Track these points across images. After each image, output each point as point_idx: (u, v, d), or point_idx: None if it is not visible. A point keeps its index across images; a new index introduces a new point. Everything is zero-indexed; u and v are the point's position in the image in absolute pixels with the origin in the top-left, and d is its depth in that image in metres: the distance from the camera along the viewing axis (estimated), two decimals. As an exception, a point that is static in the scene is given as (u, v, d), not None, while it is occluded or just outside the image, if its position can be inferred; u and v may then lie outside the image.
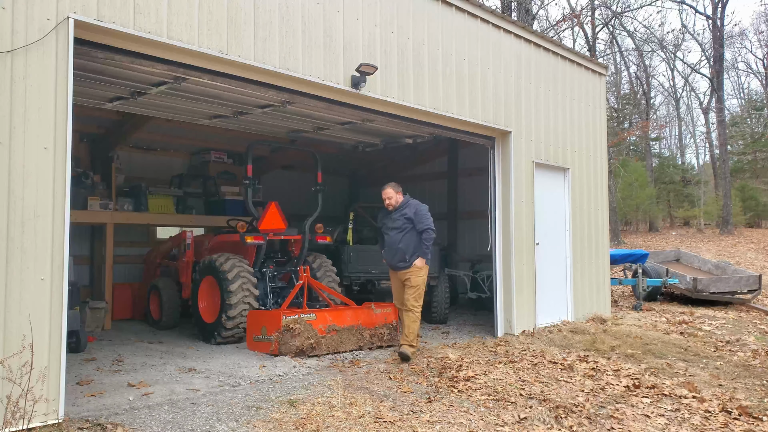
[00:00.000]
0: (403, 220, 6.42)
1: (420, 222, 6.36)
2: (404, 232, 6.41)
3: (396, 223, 6.45)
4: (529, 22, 20.75)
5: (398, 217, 6.45)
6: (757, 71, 40.06)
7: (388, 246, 6.54)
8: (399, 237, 6.40)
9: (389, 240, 6.50)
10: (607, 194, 10.58)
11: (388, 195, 6.50)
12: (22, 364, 3.78)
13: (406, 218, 6.41)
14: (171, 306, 8.38)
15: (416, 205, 6.48)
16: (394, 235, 6.44)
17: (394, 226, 6.47)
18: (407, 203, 6.52)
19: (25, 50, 4.03)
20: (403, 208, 6.47)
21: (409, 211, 6.43)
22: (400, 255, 6.40)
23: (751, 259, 19.35)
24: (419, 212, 6.41)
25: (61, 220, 4.16)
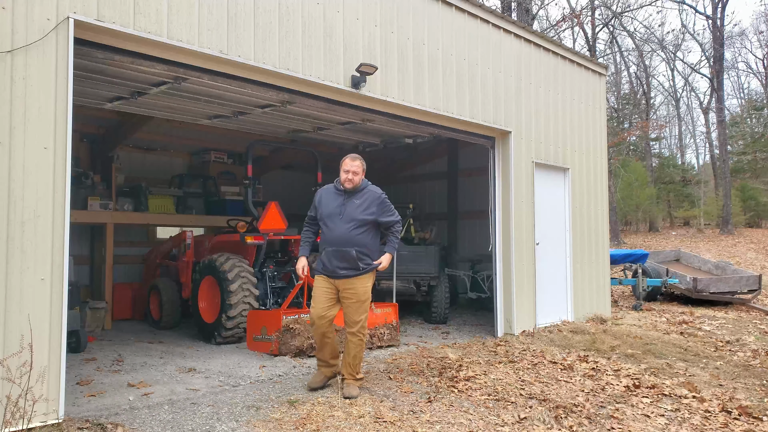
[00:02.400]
0: (362, 210, 4.81)
1: (386, 213, 4.93)
2: (360, 226, 4.80)
3: (349, 210, 4.80)
4: (529, 22, 20.75)
5: (354, 205, 4.82)
6: (757, 71, 40.08)
7: (329, 242, 4.81)
8: (352, 232, 4.76)
9: (332, 234, 4.80)
10: (607, 194, 10.58)
11: (354, 169, 4.87)
12: (22, 363, 3.78)
13: (366, 208, 4.83)
14: (171, 306, 8.38)
15: (379, 192, 4.99)
16: (342, 227, 4.77)
17: (344, 216, 4.80)
18: (366, 188, 4.97)
19: (25, 50, 4.03)
20: (362, 194, 4.91)
21: (370, 199, 4.88)
22: (349, 257, 4.75)
23: (751, 259, 19.35)
24: (385, 202, 4.97)
25: (61, 220, 4.16)
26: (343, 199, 4.85)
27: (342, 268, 4.80)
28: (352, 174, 4.85)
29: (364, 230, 4.81)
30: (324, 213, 4.87)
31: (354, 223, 4.77)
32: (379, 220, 4.90)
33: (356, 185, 4.87)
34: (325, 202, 4.92)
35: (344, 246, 4.75)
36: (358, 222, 4.78)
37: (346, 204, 4.82)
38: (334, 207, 4.85)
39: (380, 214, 4.91)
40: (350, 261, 4.77)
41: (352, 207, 4.81)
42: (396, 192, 13.30)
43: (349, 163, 4.88)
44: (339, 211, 4.82)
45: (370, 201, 4.85)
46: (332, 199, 4.90)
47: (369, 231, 4.85)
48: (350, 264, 4.78)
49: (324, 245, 4.87)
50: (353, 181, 4.86)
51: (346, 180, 4.83)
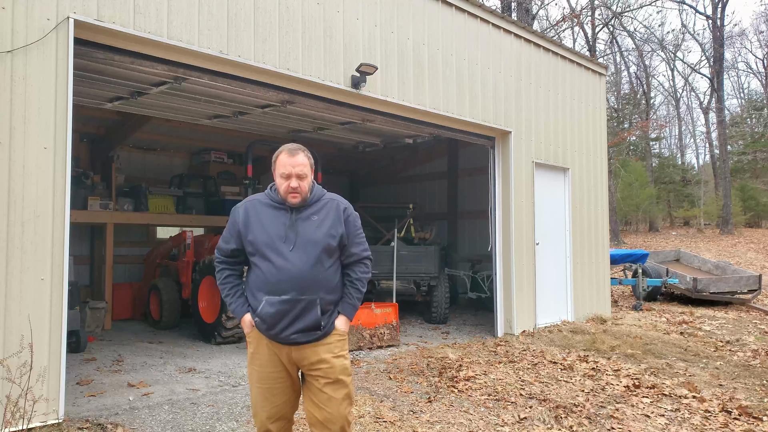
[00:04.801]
0: (325, 230, 2.92)
1: (357, 238, 3.05)
2: (325, 256, 2.91)
3: (305, 232, 2.90)
4: (529, 22, 20.75)
5: (311, 223, 2.93)
6: (757, 71, 40.08)
7: (273, 287, 2.83)
8: (316, 268, 2.87)
9: (278, 274, 2.83)
10: (607, 194, 10.58)
11: (299, 170, 2.90)
12: (22, 363, 3.78)
13: (330, 226, 2.94)
14: (171, 306, 8.38)
15: (345, 204, 3.07)
16: (297, 260, 2.84)
17: (298, 242, 2.88)
18: (324, 198, 3.03)
19: (25, 50, 4.03)
20: (319, 206, 2.99)
21: (333, 213, 2.99)
22: (311, 312, 2.84)
23: (751, 259, 19.35)
24: (356, 220, 3.08)
25: (61, 220, 4.16)
26: (289, 215, 2.87)
27: (299, 331, 2.80)
28: (296, 179, 2.85)
29: (332, 263, 2.90)
30: (259, 240, 2.83)
31: (315, 251, 2.82)
32: (349, 249, 2.98)
33: (305, 197, 2.89)
34: (257, 222, 2.88)
35: (303, 292, 2.78)
36: (321, 249, 2.84)
37: (296, 223, 2.86)
38: (276, 229, 2.84)
39: (350, 236, 2.97)
40: (312, 318, 2.81)
41: (309, 226, 2.87)
42: (396, 192, 13.31)
43: (288, 160, 2.87)
44: (286, 234, 2.83)
45: (334, 216, 2.93)
46: (270, 218, 2.88)
47: (336, 264, 2.95)
48: (312, 322, 2.81)
49: (261, 292, 2.81)
50: (300, 192, 2.86)
51: (289, 192, 2.86)
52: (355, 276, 2.99)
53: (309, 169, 2.91)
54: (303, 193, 2.87)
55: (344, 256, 2.98)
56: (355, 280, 2.99)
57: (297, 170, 2.84)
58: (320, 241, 2.85)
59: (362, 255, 3.03)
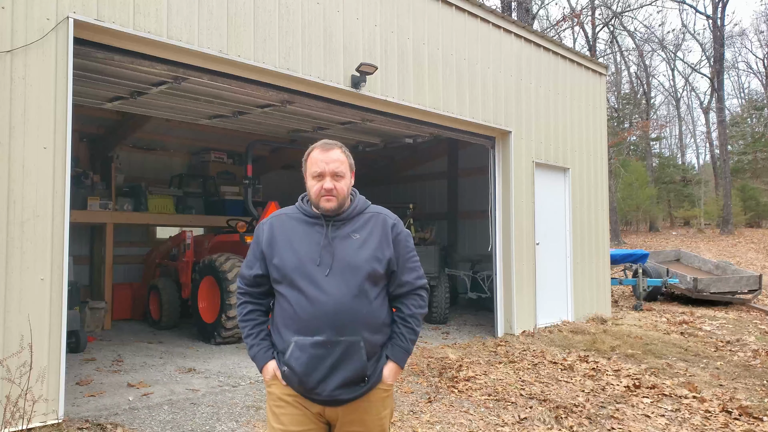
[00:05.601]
0: (369, 251, 2.26)
1: (410, 261, 2.38)
2: (369, 284, 2.23)
3: (343, 253, 2.23)
4: (529, 21, 20.74)
5: (351, 242, 2.26)
6: (758, 71, 40.08)
7: (306, 325, 2.17)
8: (358, 299, 2.19)
9: (311, 307, 2.16)
10: (607, 194, 10.58)
11: (334, 168, 2.25)
12: (21, 364, 3.78)
13: (376, 246, 2.27)
14: (171, 306, 8.38)
15: (394, 221, 2.38)
16: (334, 289, 2.18)
17: (335, 265, 2.21)
18: (367, 212, 2.37)
19: (25, 50, 4.03)
20: (361, 220, 2.33)
21: (379, 229, 2.32)
22: (355, 357, 2.17)
23: (751, 259, 19.34)
24: (406, 243, 2.38)
25: (61, 220, 4.15)
26: (322, 232, 2.24)
27: (342, 385, 2.17)
28: (332, 178, 2.23)
29: (377, 293, 2.25)
30: (287, 263, 2.21)
31: (357, 278, 2.19)
32: (400, 278, 2.32)
33: (342, 202, 2.26)
34: (285, 241, 2.26)
35: (342, 331, 2.15)
36: (363, 275, 2.20)
37: (333, 242, 2.23)
38: (308, 250, 2.22)
39: (400, 260, 2.32)
40: (356, 367, 2.16)
41: (348, 246, 2.23)
42: (396, 192, 13.31)
43: (321, 156, 2.25)
44: (320, 256, 2.20)
45: (381, 234, 2.28)
46: (300, 236, 2.26)
47: (383, 295, 2.30)
48: (357, 372, 2.17)
49: (289, 331, 2.20)
50: (337, 195, 2.23)
51: (322, 195, 2.23)
52: (408, 311, 2.31)
53: (347, 167, 2.27)
54: (340, 196, 2.21)
55: (393, 285, 2.31)
56: (408, 317, 2.31)
57: (332, 167, 2.22)
58: (363, 266, 2.18)
59: (416, 284, 2.33)
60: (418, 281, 2.37)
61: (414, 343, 2.36)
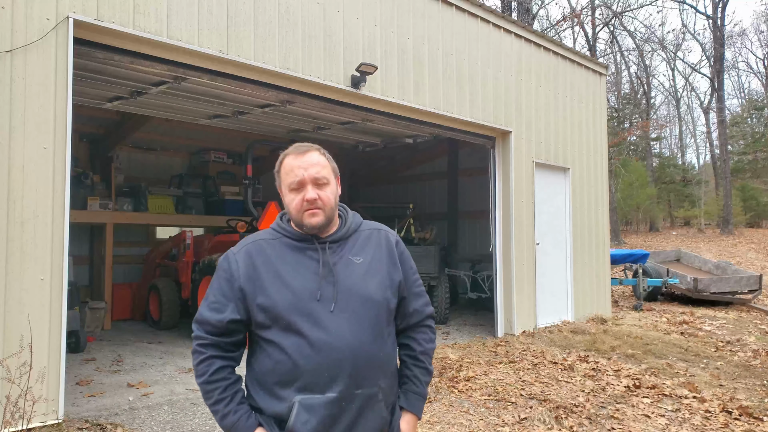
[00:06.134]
0: (380, 276, 1.81)
1: (414, 291, 1.93)
2: (377, 324, 1.76)
3: (349, 281, 1.76)
4: (529, 21, 20.74)
5: (356, 268, 1.79)
6: (758, 71, 40.09)
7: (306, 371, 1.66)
8: (362, 338, 1.71)
9: (313, 351, 1.66)
10: (607, 194, 10.57)
11: (313, 171, 1.77)
12: (21, 364, 3.77)
13: (387, 270, 1.84)
14: (171, 306, 8.37)
15: (395, 237, 1.95)
16: (337, 329, 1.69)
17: (340, 298, 1.72)
18: (363, 229, 1.90)
19: (25, 50, 4.03)
20: (359, 242, 1.86)
21: (382, 256, 1.85)
22: (367, 410, 1.72)
23: (751, 259, 19.34)
24: (410, 261, 1.95)
25: (61, 220, 4.15)
26: (317, 257, 1.79)
27: None
28: (314, 186, 1.78)
29: (391, 330, 1.88)
30: (280, 302, 1.71)
31: (370, 312, 1.77)
32: (408, 306, 1.92)
33: (330, 215, 1.82)
34: (271, 274, 1.75)
35: (359, 382, 1.72)
36: (378, 307, 1.80)
37: (333, 268, 1.78)
38: (303, 281, 1.74)
39: (408, 284, 1.92)
40: (377, 422, 1.77)
41: (353, 272, 1.80)
42: (396, 192, 13.31)
43: (296, 162, 1.81)
44: (320, 287, 1.74)
45: (386, 255, 1.88)
46: (290, 264, 1.77)
47: (392, 329, 1.90)
48: (376, 431, 1.78)
49: (288, 389, 1.70)
50: (323, 207, 1.78)
51: (305, 208, 1.77)
52: (419, 348, 1.89)
53: (330, 172, 1.80)
54: (327, 207, 1.75)
55: (400, 315, 1.88)
56: (420, 356, 1.89)
57: (312, 173, 1.74)
58: (375, 296, 1.75)
59: (425, 312, 1.92)
60: (427, 309, 1.94)
61: (428, 385, 1.94)
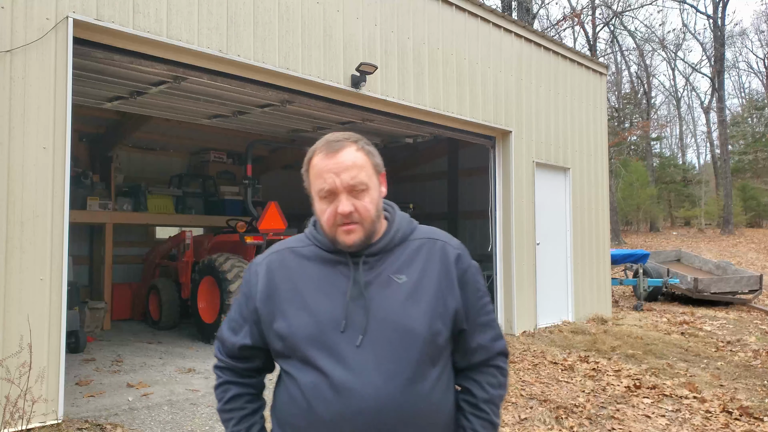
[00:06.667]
0: (418, 311, 1.37)
1: (479, 321, 1.48)
2: (417, 366, 1.34)
3: (382, 307, 1.36)
4: (529, 21, 20.73)
5: (397, 289, 1.38)
6: (758, 71, 40.09)
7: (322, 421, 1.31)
8: (394, 386, 1.30)
9: (333, 395, 1.30)
10: (607, 194, 10.57)
11: (348, 176, 1.36)
12: (21, 364, 3.77)
13: (430, 304, 1.38)
14: (170, 306, 8.37)
15: (457, 250, 1.48)
16: (363, 370, 1.31)
17: (370, 328, 1.34)
18: (414, 237, 1.48)
19: (24, 50, 4.02)
20: (405, 255, 1.44)
21: (433, 274, 1.42)
22: None
23: (752, 259, 19.33)
24: (476, 282, 1.49)
25: (60, 220, 4.15)
26: (350, 275, 1.40)
27: None
28: (348, 194, 1.37)
29: (441, 371, 1.42)
30: (298, 330, 1.37)
31: (409, 352, 1.35)
32: (470, 340, 1.48)
33: (371, 230, 1.40)
34: (292, 293, 1.41)
35: None
36: (419, 346, 1.36)
37: (366, 289, 1.38)
38: (328, 306, 1.38)
39: (471, 312, 1.47)
40: None
41: (391, 296, 1.38)
42: (396, 192, 13.30)
43: (326, 163, 1.38)
44: (347, 315, 1.36)
45: (440, 270, 1.44)
46: (314, 283, 1.42)
47: (447, 372, 1.45)
48: None
49: None
50: (361, 221, 1.38)
51: (338, 224, 1.38)
52: (482, 395, 1.47)
53: (371, 172, 1.41)
54: (366, 221, 1.38)
55: (459, 352, 1.48)
56: (483, 404, 1.47)
57: (346, 179, 1.35)
58: (418, 328, 1.35)
59: (494, 349, 1.49)
60: (497, 345, 1.50)
61: None
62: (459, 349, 1.49)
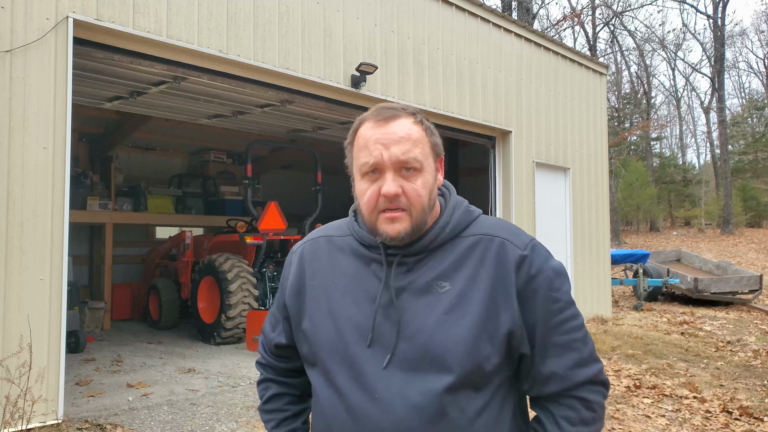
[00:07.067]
0: (461, 327, 1.11)
1: (553, 343, 1.15)
2: (450, 395, 1.09)
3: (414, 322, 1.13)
4: (529, 21, 20.73)
5: (425, 300, 1.14)
6: (758, 71, 40.10)
7: None
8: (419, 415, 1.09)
9: (349, 420, 1.14)
10: (607, 194, 10.57)
11: (399, 150, 1.12)
12: (21, 364, 3.77)
13: (477, 318, 1.11)
14: (170, 306, 8.37)
15: (522, 251, 1.21)
16: (386, 394, 1.11)
17: (400, 346, 1.13)
18: (468, 234, 1.20)
19: (24, 50, 4.02)
20: (452, 255, 1.17)
21: (484, 281, 1.14)
22: None
23: (752, 259, 19.33)
24: (550, 292, 1.16)
25: (60, 220, 4.14)
26: (379, 277, 1.19)
27: None
28: (395, 173, 1.13)
29: (487, 401, 1.14)
30: (322, 337, 1.21)
31: (442, 377, 1.10)
32: (540, 366, 1.17)
33: (421, 221, 1.16)
34: (322, 291, 1.24)
35: None
36: (457, 373, 1.10)
37: (398, 297, 1.16)
38: (354, 311, 1.19)
39: (538, 331, 1.16)
40: None
41: (428, 308, 1.14)
42: (396, 192, 13.28)
43: (377, 132, 1.15)
44: (374, 324, 1.16)
45: (493, 278, 1.15)
46: (345, 280, 1.22)
47: (499, 398, 1.17)
48: None
49: None
50: (410, 208, 1.14)
51: (380, 208, 1.14)
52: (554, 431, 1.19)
53: (428, 150, 1.18)
54: (416, 208, 1.15)
55: (528, 379, 1.20)
56: None
57: (396, 152, 1.13)
58: (456, 352, 1.11)
59: (574, 378, 1.18)
60: (580, 372, 1.17)
61: None
62: (525, 376, 1.18)
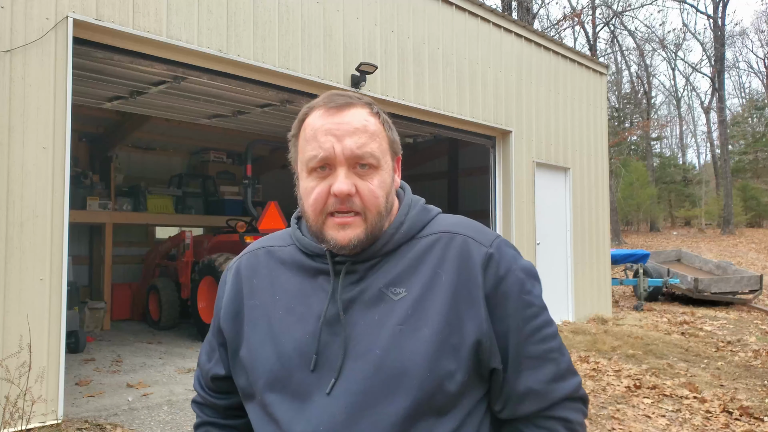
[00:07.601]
0: (417, 342, 0.93)
1: (528, 355, 0.99)
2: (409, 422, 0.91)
3: (365, 339, 0.96)
4: (529, 21, 20.72)
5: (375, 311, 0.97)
6: (758, 70, 40.10)
7: None
8: None
9: None
10: (608, 194, 10.56)
11: (352, 142, 0.98)
12: (21, 364, 3.76)
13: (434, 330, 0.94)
14: (170, 306, 8.36)
15: (489, 249, 0.99)
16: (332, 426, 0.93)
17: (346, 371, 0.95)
18: (426, 234, 1.04)
19: (24, 49, 4.02)
20: (407, 258, 1.00)
21: (445, 286, 0.97)
22: None
23: (752, 259, 19.33)
24: (521, 296, 0.99)
25: (60, 220, 4.14)
26: (326, 290, 1.02)
27: None
28: (348, 170, 0.99)
29: (454, 423, 0.95)
30: (260, 365, 1.01)
31: (399, 400, 0.92)
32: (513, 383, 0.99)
33: (376, 227, 1.00)
34: (260, 312, 1.05)
35: None
36: (416, 395, 0.92)
37: (347, 311, 0.99)
38: (299, 333, 1.00)
39: (511, 342, 0.99)
40: None
41: (380, 321, 0.97)
42: (396, 192, 13.28)
43: (326, 122, 1.04)
44: (318, 346, 0.98)
45: (455, 281, 0.98)
46: (287, 298, 1.04)
47: (468, 421, 0.97)
48: None
49: None
50: (364, 211, 0.99)
51: (328, 211, 1.00)
52: None
53: (385, 144, 1.07)
54: (371, 212, 1.01)
55: (500, 399, 1.02)
56: None
57: (349, 145, 1.00)
58: (413, 371, 0.94)
59: (553, 394, 1.01)
60: (558, 387, 1.02)
61: None
62: (497, 395, 1.01)
